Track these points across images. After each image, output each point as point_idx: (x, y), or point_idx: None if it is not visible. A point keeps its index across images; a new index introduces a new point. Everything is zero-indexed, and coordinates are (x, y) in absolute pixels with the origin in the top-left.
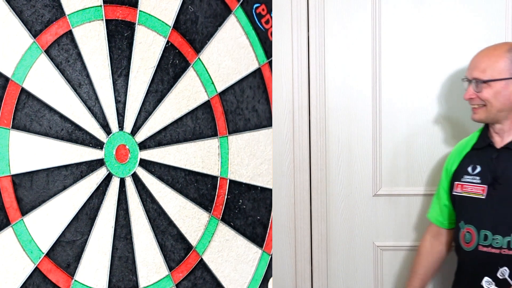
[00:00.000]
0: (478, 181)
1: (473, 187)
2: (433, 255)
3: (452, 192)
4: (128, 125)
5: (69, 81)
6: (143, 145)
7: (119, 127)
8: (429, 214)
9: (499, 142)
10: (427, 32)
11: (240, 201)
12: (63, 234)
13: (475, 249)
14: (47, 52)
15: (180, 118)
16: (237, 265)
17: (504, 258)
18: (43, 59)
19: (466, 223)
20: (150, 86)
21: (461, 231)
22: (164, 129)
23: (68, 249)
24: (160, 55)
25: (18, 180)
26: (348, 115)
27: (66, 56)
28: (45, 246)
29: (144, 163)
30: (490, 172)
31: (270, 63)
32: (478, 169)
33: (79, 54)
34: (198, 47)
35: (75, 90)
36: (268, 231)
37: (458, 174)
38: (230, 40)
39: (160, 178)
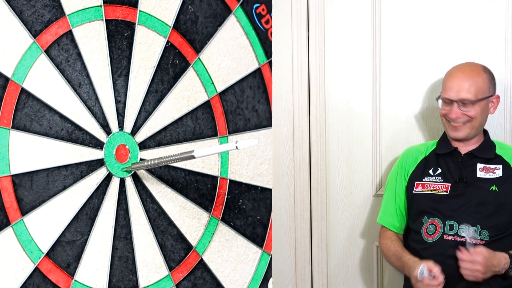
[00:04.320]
0: (441, 181)
1: (435, 185)
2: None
3: (412, 191)
4: (128, 125)
5: (69, 81)
6: (143, 145)
7: (119, 127)
8: (384, 221)
9: (464, 149)
10: (427, 32)
11: (240, 201)
12: (63, 234)
13: (439, 239)
14: (47, 52)
15: (180, 118)
16: (237, 265)
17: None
18: (43, 59)
19: (430, 217)
20: (150, 86)
21: (423, 225)
22: (164, 129)
23: (68, 249)
24: (160, 55)
25: (18, 180)
26: (348, 115)
27: (66, 56)
28: (45, 246)
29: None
30: (455, 172)
31: (270, 63)
32: (439, 171)
33: (79, 54)
34: (198, 47)
35: (75, 90)
36: (268, 231)
37: (417, 176)
38: (230, 40)
39: (160, 178)
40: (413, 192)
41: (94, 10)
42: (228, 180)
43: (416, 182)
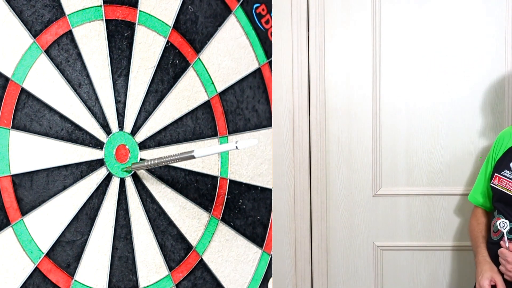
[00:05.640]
0: None
1: (508, 183)
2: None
3: (490, 182)
4: (128, 125)
5: (69, 81)
6: (143, 145)
7: (119, 127)
8: (473, 199)
9: None
10: (427, 32)
11: (240, 201)
12: (63, 234)
13: (500, 239)
14: (47, 52)
15: (180, 118)
16: (237, 265)
17: None
18: (43, 59)
19: (499, 213)
20: (150, 86)
21: (493, 220)
22: (164, 129)
23: (68, 249)
24: (160, 55)
25: (18, 180)
26: (348, 115)
27: (66, 56)
28: (45, 246)
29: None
30: None
31: (270, 63)
32: None
33: (79, 54)
34: (198, 47)
35: (75, 90)
36: (268, 231)
37: (499, 165)
38: (230, 40)
39: (160, 178)
40: (491, 184)
41: (94, 10)
42: (228, 180)
43: (495, 174)
